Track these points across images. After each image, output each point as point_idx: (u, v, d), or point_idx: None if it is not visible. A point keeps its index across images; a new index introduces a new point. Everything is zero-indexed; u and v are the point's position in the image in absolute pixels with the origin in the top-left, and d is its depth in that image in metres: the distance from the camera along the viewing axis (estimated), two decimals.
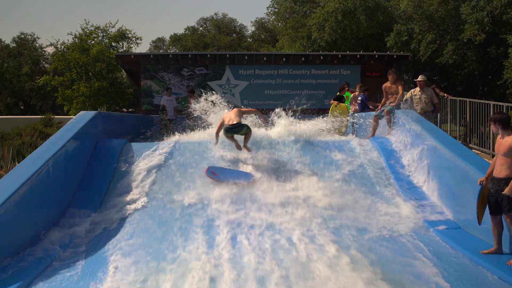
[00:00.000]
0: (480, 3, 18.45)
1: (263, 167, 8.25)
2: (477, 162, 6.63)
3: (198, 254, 5.58)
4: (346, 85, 14.16)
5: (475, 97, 20.12)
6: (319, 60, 17.87)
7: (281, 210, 6.93)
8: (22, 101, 38.42)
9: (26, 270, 5.16)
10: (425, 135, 8.10)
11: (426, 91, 10.22)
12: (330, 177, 8.02)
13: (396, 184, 7.91)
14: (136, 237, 6.23)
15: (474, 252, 5.68)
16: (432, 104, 10.29)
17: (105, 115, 10.40)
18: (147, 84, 17.82)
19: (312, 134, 9.48)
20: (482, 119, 10.52)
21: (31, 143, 11.54)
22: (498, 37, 18.83)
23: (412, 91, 10.39)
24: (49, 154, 6.82)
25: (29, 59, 36.38)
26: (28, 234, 5.99)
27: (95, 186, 7.74)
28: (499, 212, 5.50)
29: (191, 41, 38.66)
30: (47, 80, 23.55)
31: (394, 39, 21.06)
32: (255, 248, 5.70)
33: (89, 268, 5.35)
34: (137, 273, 5.13)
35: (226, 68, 17.89)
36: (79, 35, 23.96)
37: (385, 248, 5.89)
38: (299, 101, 11.48)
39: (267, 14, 34.84)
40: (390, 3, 23.51)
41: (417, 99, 10.24)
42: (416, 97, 10.26)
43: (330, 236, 6.14)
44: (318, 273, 5.10)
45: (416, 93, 10.28)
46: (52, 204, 6.77)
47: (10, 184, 5.76)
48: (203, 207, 7.08)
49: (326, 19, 22.45)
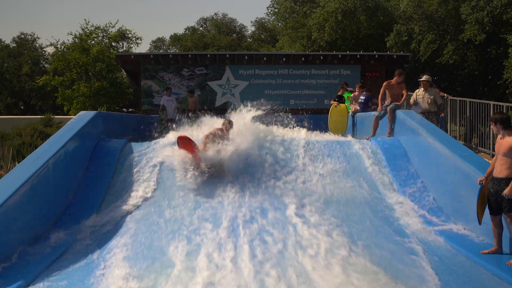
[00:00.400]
0: (480, 3, 18.44)
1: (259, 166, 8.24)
2: (477, 162, 6.63)
3: (198, 254, 5.57)
4: (345, 85, 14.16)
5: (475, 97, 20.12)
6: (319, 60, 17.87)
7: (280, 210, 6.93)
8: (22, 101, 38.42)
9: (25, 270, 5.16)
10: (425, 135, 8.10)
11: (430, 91, 10.15)
12: (330, 177, 8.02)
13: (396, 184, 7.91)
14: (136, 237, 6.22)
15: (474, 252, 5.68)
16: (436, 105, 10.22)
17: (105, 115, 10.40)
18: (147, 84, 17.82)
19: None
20: (482, 119, 10.52)
21: (31, 143, 11.54)
22: (498, 37, 18.83)
23: (416, 91, 10.33)
24: (49, 154, 6.81)
25: (29, 59, 36.37)
26: (28, 234, 5.98)
27: (95, 186, 7.73)
28: (499, 212, 5.50)
29: (191, 41, 38.64)
30: (47, 80, 23.53)
31: (394, 39, 21.06)
32: (257, 251, 5.67)
33: (89, 268, 5.35)
34: (137, 273, 5.13)
35: (226, 68, 17.88)
36: (79, 35, 23.95)
37: (385, 247, 5.89)
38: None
39: (267, 14, 34.86)
40: (390, 3, 23.51)
41: (420, 99, 10.19)
42: (419, 97, 10.21)
43: (329, 236, 6.14)
44: (317, 272, 5.10)
45: (419, 93, 10.23)
46: (52, 204, 6.76)
47: (10, 184, 5.75)
48: (203, 207, 7.08)
49: (326, 19, 22.46)
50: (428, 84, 10.18)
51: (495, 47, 20.12)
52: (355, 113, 12.36)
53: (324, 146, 9.03)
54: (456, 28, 19.88)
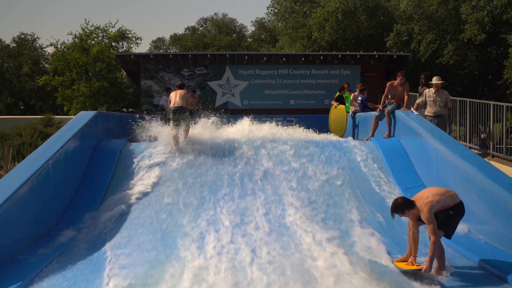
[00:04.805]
0: (480, 3, 18.44)
1: (263, 165, 8.24)
2: (477, 162, 6.63)
3: (198, 255, 5.58)
4: (346, 85, 14.12)
5: (475, 97, 20.13)
6: (319, 60, 17.87)
7: (280, 209, 6.93)
8: (22, 101, 38.42)
9: (25, 270, 5.16)
10: (425, 135, 8.09)
11: (441, 93, 9.62)
12: (330, 177, 8.01)
13: (396, 184, 7.91)
14: (136, 238, 6.24)
15: (474, 252, 5.68)
16: (446, 108, 9.76)
17: (105, 115, 10.40)
18: (147, 84, 17.82)
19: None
20: (482, 119, 10.51)
21: (31, 143, 11.55)
22: (498, 37, 18.84)
23: (427, 92, 9.79)
24: (49, 154, 6.82)
25: (29, 59, 36.38)
26: (28, 234, 5.99)
27: (95, 186, 7.73)
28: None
29: (191, 41, 38.64)
30: (47, 80, 23.53)
31: (394, 39, 21.06)
32: (256, 253, 5.66)
33: (88, 268, 5.35)
34: (137, 273, 5.13)
35: (226, 68, 17.88)
36: (79, 35, 23.94)
37: (385, 247, 5.89)
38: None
39: (267, 14, 34.84)
40: (390, 3, 23.51)
41: (431, 101, 9.63)
42: (430, 99, 9.64)
43: (328, 235, 6.15)
44: (316, 272, 5.10)
45: (430, 95, 9.66)
46: (52, 204, 6.76)
47: (10, 184, 5.76)
48: (203, 208, 7.08)
49: (326, 19, 22.46)
50: (440, 86, 9.65)
51: (495, 47, 20.13)
52: (355, 113, 12.36)
53: (323, 146, 9.03)
54: (456, 28, 19.89)
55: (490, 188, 5.93)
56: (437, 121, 9.36)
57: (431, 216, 4.96)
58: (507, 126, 10.35)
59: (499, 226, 5.84)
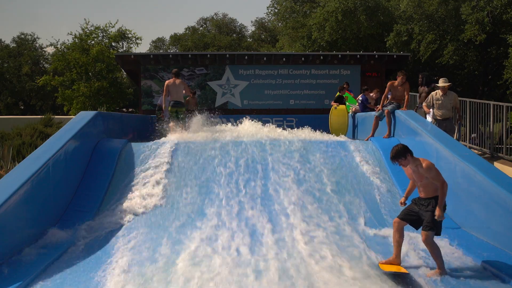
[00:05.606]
0: (480, 3, 18.44)
1: (263, 165, 8.24)
2: (477, 162, 6.63)
3: (198, 256, 5.57)
4: (346, 85, 14.14)
5: (475, 97, 20.13)
6: (319, 60, 17.87)
7: (281, 209, 6.93)
8: (22, 101, 38.41)
9: (25, 270, 5.15)
10: (425, 135, 8.09)
11: (449, 95, 9.45)
12: (330, 177, 8.02)
13: (396, 184, 7.91)
14: (136, 238, 6.23)
15: (474, 252, 5.68)
16: (453, 110, 9.67)
17: (105, 115, 10.40)
18: (147, 84, 17.81)
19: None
20: (482, 119, 10.51)
21: (31, 143, 11.54)
22: (498, 37, 18.83)
23: (434, 94, 9.60)
24: (49, 154, 6.81)
25: (29, 59, 36.39)
26: (27, 234, 5.98)
27: (95, 186, 7.73)
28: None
29: (191, 41, 38.63)
30: (47, 80, 23.55)
31: (394, 39, 21.05)
32: (258, 257, 5.65)
33: (88, 268, 5.34)
34: (136, 274, 5.12)
35: (226, 68, 17.88)
36: (79, 35, 23.96)
37: (384, 247, 5.89)
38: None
39: (267, 14, 34.90)
40: (390, 3, 23.50)
41: (438, 104, 9.47)
42: (438, 101, 9.47)
43: (327, 235, 6.15)
44: (315, 272, 5.10)
45: (438, 98, 9.48)
46: (52, 204, 6.76)
47: (10, 184, 5.75)
48: (204, 208, 7.08)
49: (326, 19, 22.45)
50: (447, 88, 9.46)
51: (495, 47, 20.12)
52: (355, 114, 12.37)
53: (323, 146, 9.03)
54: (456, 28, 19.88)
55: (490, 188, 5.93)
56: (445, 124, 9.27)
57: (438, 172, 5.21)
58: (507, 126, 10.36)
59: (499, 226, 5.84)
